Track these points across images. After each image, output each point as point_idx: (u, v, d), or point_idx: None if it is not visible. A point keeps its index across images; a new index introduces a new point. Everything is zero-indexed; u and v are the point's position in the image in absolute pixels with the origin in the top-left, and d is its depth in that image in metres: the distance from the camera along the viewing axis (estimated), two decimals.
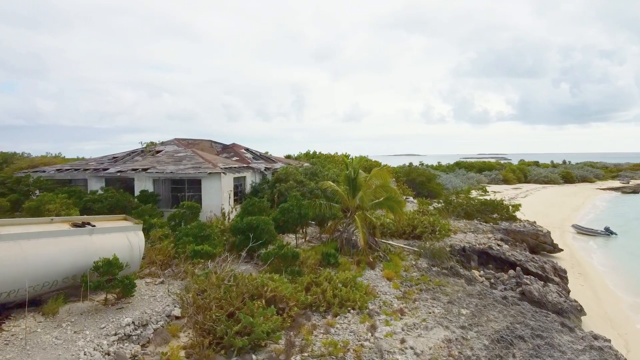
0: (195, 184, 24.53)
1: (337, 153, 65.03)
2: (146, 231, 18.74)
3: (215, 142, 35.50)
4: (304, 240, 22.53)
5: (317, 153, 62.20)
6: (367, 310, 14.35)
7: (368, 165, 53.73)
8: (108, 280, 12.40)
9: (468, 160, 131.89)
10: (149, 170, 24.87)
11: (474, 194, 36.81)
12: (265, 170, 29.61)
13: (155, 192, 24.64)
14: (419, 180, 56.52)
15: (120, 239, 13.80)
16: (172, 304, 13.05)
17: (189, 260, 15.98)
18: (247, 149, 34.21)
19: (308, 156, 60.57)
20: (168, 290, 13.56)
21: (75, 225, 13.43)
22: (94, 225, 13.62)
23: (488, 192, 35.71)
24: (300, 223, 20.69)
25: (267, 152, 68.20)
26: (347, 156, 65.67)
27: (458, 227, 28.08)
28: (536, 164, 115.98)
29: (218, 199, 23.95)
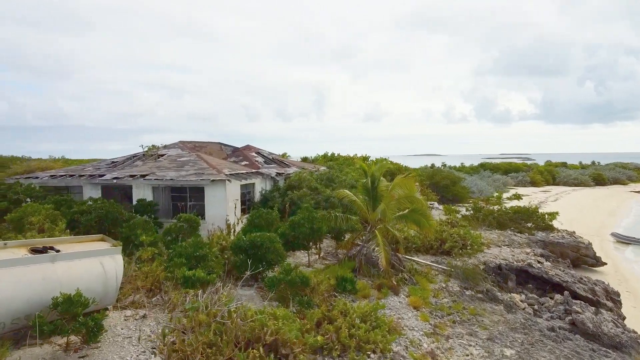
0: (197, 192, 22.17)
1: (356, 155, 62.38)
2: (136, 248, 16.46)
3: (225, 145, 33.15)
4: (317, 256, 19.99)
5: (335, 155, 59.60)
6: (390, 354, 11.71)
7: (390, 168, 50.87)
8: (69, 320, 10.00)
9: (492, 161, 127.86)
10: (147, 177, 22.57)
11: (504, 199, 33.72)
12: (276, 175, 27.13)
13: (154, 200, 22.33)
14: (443, 183, 53.58)
15: (91, 266, 11.40)
16: (150, 349, 10.61)
17: (180, 286, 13.55)
18: (258, 152, 31.77)
19: (326, 158, 58.02)
20: (140, 338, 11.04)
21: (35, 250, 11.08)
22: (58, 250, 11.26)
23: (522, 198, 32.60)
24: (312, 239, 18.13)
25: (284, 154, 66.47)
26: (366, 158, 62.86)
27: (491, 239, 25.21)
28: (564, 165, 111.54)
29: (222, 209, 21.53)
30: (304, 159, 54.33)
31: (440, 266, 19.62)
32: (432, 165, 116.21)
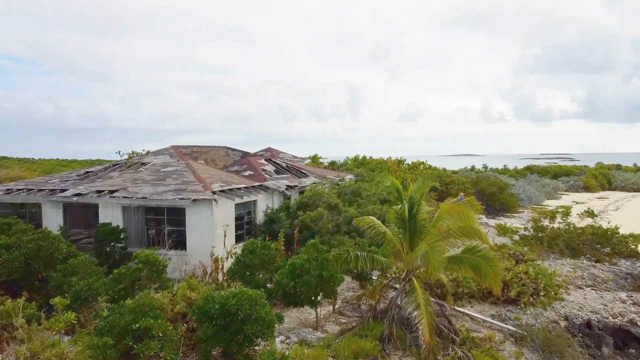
0: (177, 215, 16.97)
1: (390, 158, 56.26)
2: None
3: (233, 150, 27.88)
4: (332, 308, 14.46)
5: (367, 158, 53.60)
6: None
7: (434, 175, 44.17)
8: None
9: (534, 162, 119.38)
10: (115, 194, 17.49)
11: (570, 214, 27.22)
12: (287, 189, 21.59)
13: (125, 224, 17.28)
14: (489, 191, 47.20)
15: None
16: None
17: None
18: (269, 159, 26.14)
19: (356, 162, 52.18)
20: None
21: None
22: None
23: (596, 215, 26.18)
24: (322, 290, 12.60)
25: (315, 156, 60.86)
26: (401, 161, 56.70)
27: (565, 275, 19.08)
28: (618, 167, 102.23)
29: (208, 238, 16.27)
30: (332, 164, 48.74)
31: (506, 326, 13.79)
32: (473, 168, 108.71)
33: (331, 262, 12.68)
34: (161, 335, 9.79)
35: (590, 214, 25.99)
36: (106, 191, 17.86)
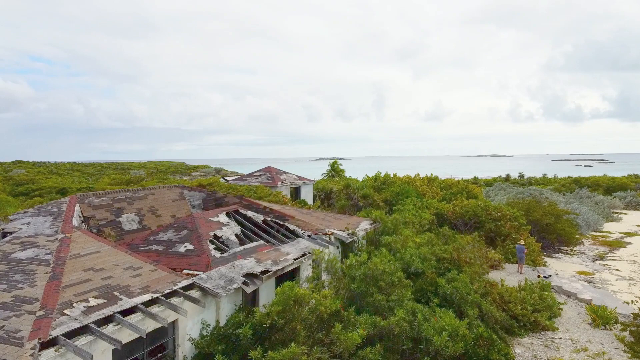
0: None
1: (418, 175, 46.58)
2: None
3: (192, 189, 18.71)
4: None
5: (390, 176, 43.89)
6: None
7: (479, 207, 32.77)
8: None
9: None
10: None
11: None
12: (247, 282, 12.20)
13: None
14: (544, 221, 37.37)
15: None
16: None
17: None
18: (236, 213, 16.14)
19: (377, 181, 42.69)
20: None
21: None
22: None
23: None
24: None
25: (335, 162, 51.39)
26: (432, 179, 46.94)
27: None
28: None
29: None
30: (346, 187, 39.39)
31: None
32: (508, 177, 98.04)
33: None
34: None
35: None
36: None
